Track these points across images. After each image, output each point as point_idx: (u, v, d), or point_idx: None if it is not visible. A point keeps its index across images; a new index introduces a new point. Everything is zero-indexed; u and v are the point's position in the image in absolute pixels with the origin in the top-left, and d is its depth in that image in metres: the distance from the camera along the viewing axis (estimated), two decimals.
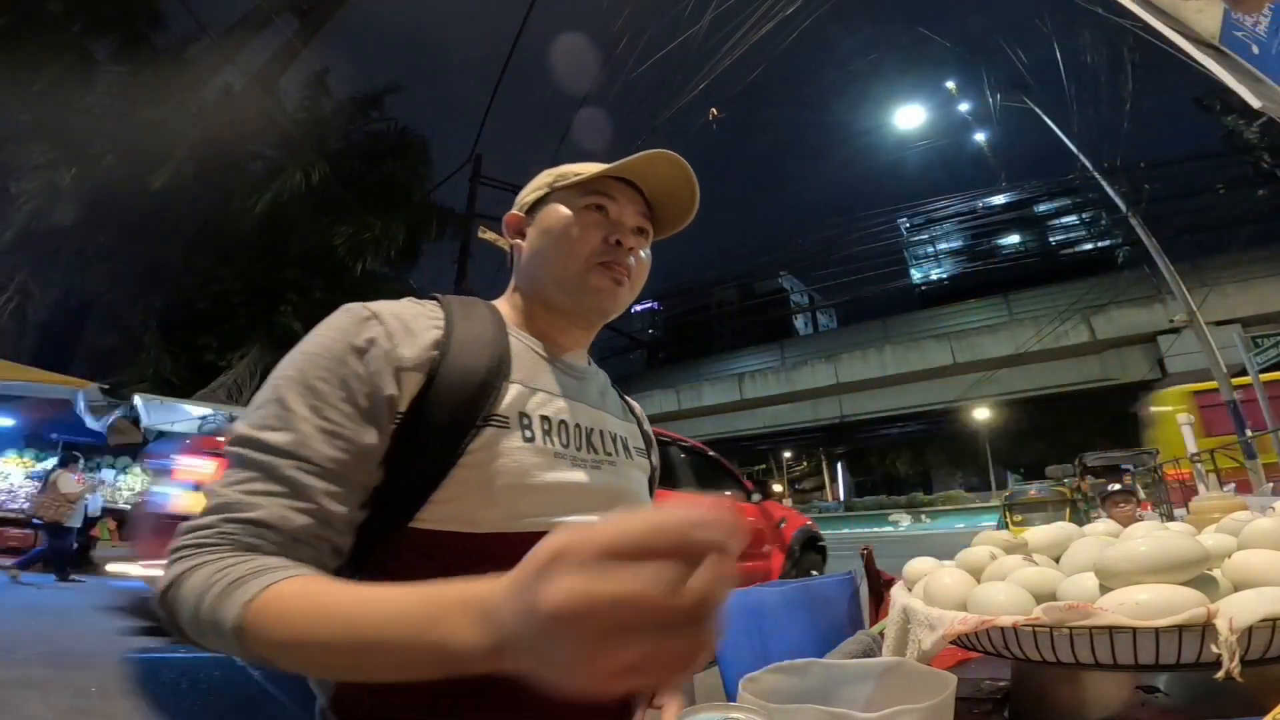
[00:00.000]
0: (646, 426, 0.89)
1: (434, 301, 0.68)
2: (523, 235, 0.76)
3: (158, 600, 0.48)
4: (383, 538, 0.57)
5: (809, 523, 5.34)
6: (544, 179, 0.76)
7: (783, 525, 4.97)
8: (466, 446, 0.58)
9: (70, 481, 6.95)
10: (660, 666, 0.29)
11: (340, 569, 0.55)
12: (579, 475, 0.65)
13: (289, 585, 0.43)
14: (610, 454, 0.72)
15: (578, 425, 0.68)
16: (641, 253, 0.74)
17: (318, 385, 0.55)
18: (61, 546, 7.06)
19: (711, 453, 5.01)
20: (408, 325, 0.61)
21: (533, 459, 0.61)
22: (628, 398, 0.88)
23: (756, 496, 4.91)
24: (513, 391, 0.63)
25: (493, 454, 0.59)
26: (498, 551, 0.51)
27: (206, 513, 0.51)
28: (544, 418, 0.65)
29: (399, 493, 0.57)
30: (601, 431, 0.72)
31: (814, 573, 5.01)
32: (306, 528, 0.52)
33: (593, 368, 0.81)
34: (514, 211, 0.78)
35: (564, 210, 0.72)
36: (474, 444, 0.58)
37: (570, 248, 0.70)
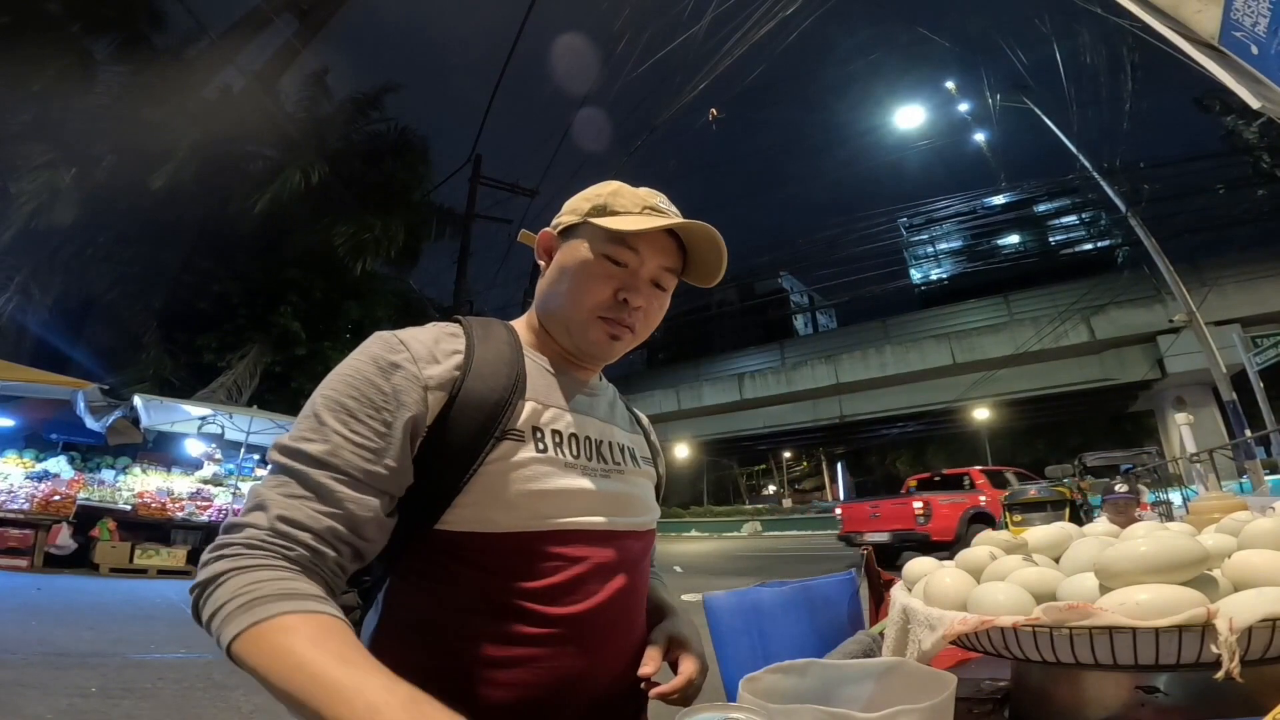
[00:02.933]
0: (654, 438, 0.93)
1: (457, 324, 0.74)
2: (551, 256, 0.78)
3: (194, 588, 0.55)
4: (411, 539, 0.65)
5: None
6: (583, 204, 0.76)
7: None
8: (485, 457, 0.64)
9: None
10: None
11: (372, 569, 0.67)
12: (587, 482, 0.70)
13: (280, 624, 0.50)
14: (619, 463, 0.77)
15: (587, 438, 0.74)
16: (656, 301, 0.76)
17: (348, 403, 0.62)
18: None
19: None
20: (431, 350, 0.67)
21: (545, 468, 0.67)
22: (635, 410, 0.93)
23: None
24: (527, 408, 0.69)
25: (508, 464, 0.65)
26: (511, 548, 0.64)
27: (249, 510, 0.58)
28: (555, 431, 0.70)
29: (425, 498, 0.64)
30: (610, 443, 0.77)
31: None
32: (332, 529, 0.58)
33: (603, 383, 0.84)
34: (548, 230, 0.79)
35: (585, 254, 0.73)
36: (492, 455, 0.64)
37: (579, 296, 0.73)
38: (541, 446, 0.68)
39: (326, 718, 0.45)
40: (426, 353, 0.67)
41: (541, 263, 0.80)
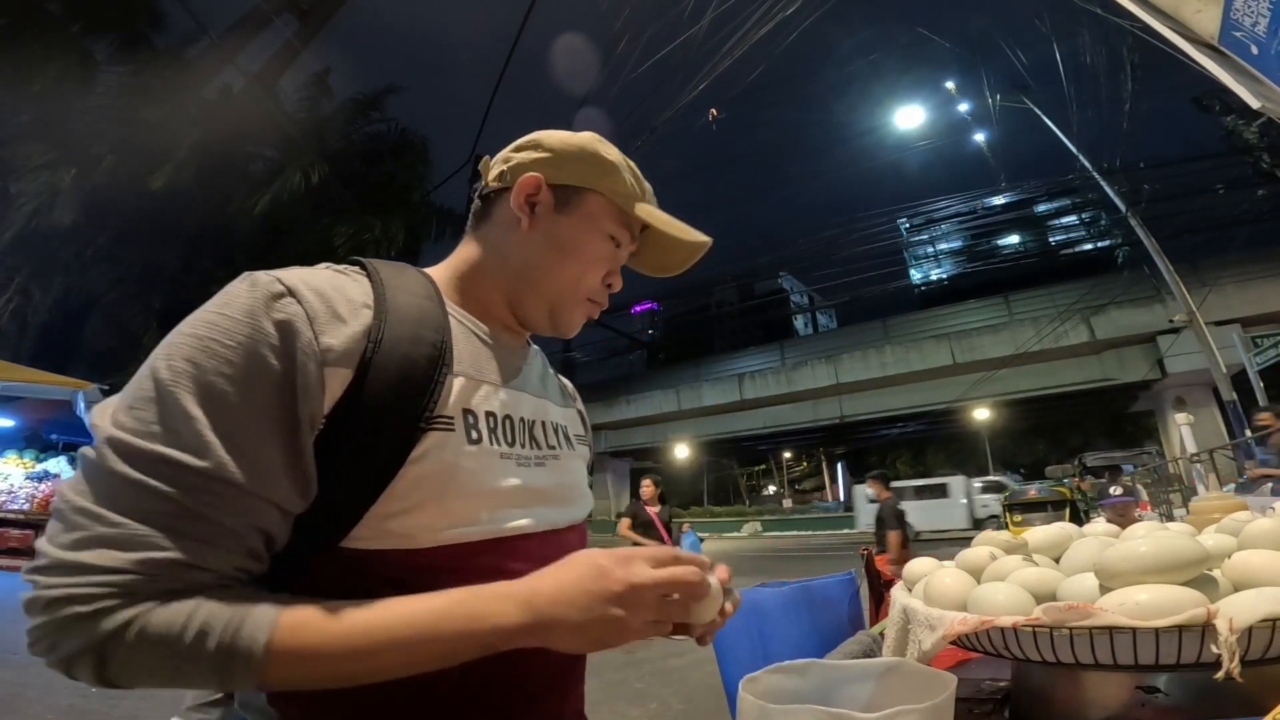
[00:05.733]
0: (581, 406, 0.82)
1: (359, 270, 0.57)
2: (533, 205, 0.64)
3: (86, 648, 0.41)
4: (305, 560, 0.49)
5: None
6: (587, 161, 0.65)
7: None
8: (408, 455, 0.50)
9: None
10: (661, 622, 0.48)
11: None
12: (522, 476, 0.59)
13: (304, 608, 0.44)
14: (554, 447, 0.66)
15: (521, 419, 0.61)
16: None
17: (218, 384, 0.44)
18: None
19: None
20: (332, 306, 0.50)
21: (480, 464, 0.54)
22: (563, 378, 0.80)
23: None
24: (457, 386, 0.55)
25: (438, 463, 0.51)
26: (439, 565, 0.51)
27: (115, 546, 0.41)
28: (489, 414, 0.57)
29: (327, 510, 0.49)
30: (544, 423, 0.65)
31: None
32: (235, 566, 0.46)
33: (533, 348, 0.72)
34: (535, 175, 0.63)
35: (592, 235, 0.65)
36: (415, 452, 0.50)
37: (578, 280, 0.65)
38: (475, 435, 0.55)
39: (462, 632, 0.45)
40: (324, 309, 0.49)
41: (518, 212, 0.63)
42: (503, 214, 0.65)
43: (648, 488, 5.62)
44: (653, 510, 5.42)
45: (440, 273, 0.65)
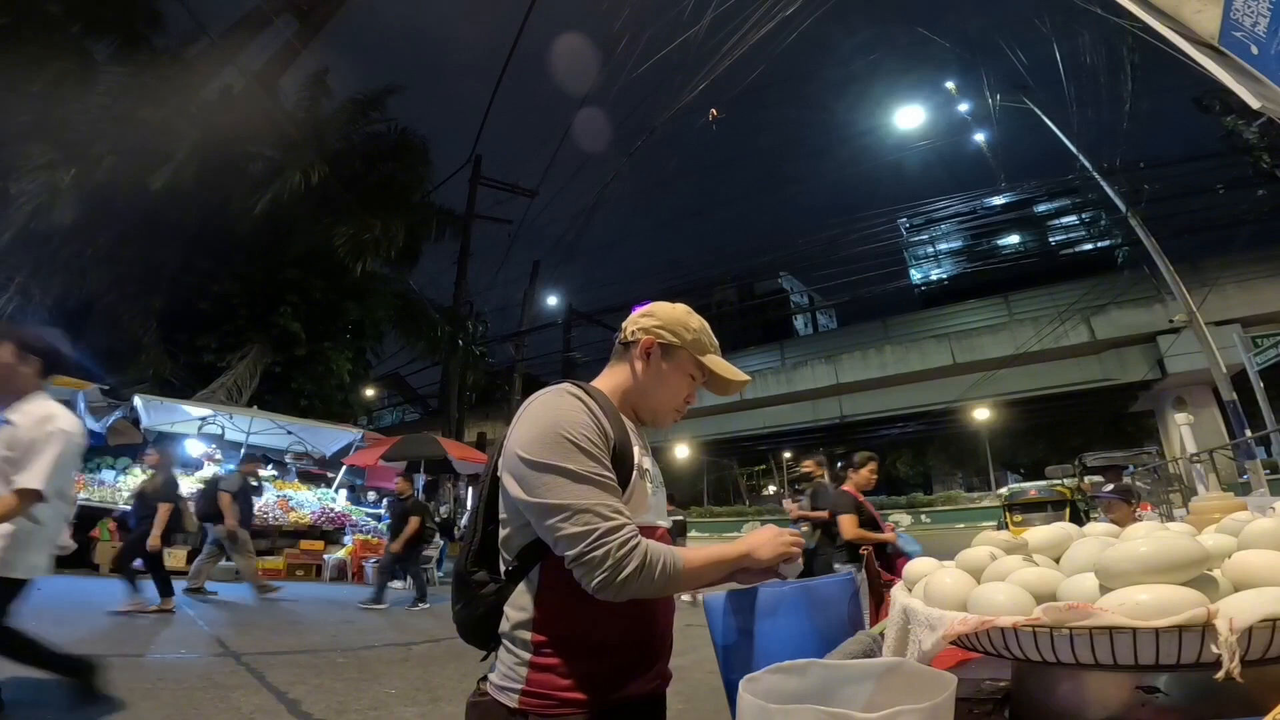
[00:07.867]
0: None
1: (586, 395, 1.04)
2: (649, 354, 1.14)
3: (641, 553, 0.92)
4: None
5: None
6: (681, 331, 1.15)
7: None
8: (631, 485, 1.02)
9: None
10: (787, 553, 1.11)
11: (500, 559, 1.05)
12: (654, 497, 1.12)
13: (686, 552, 0.99)
14: (657, 483, 1.16)
15: (649, 469, 1.12)
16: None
17: (595, 440, 0.97)
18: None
19: None
20: (602, 415, 1.02)
21: (644, 490, 1.08)
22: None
23: None
24: (636, 453, 1.07)
25: (635, 488, 1.04)
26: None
27: (614, 512, 0.93)
28: (645, 468, 1.09)
29: None
30: (655, 472, 1.17)
31: None
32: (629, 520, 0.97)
33: (643, 430, 1.25)
34: (650, 336, 1.15)
35: (679, 376, 1.16)
36: (630, 484, 1.02)
37: (670, 403, 1.18)
38: (643, 476, 1.07)
39: (727, 559, 1.06)
40: (602, 415, 1.02)
41: (639, 361, 1.15)
42: (633, 357, 1.16)
43: (869, 472, 4.22)
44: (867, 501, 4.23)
45: (605, 385, 1.15)
